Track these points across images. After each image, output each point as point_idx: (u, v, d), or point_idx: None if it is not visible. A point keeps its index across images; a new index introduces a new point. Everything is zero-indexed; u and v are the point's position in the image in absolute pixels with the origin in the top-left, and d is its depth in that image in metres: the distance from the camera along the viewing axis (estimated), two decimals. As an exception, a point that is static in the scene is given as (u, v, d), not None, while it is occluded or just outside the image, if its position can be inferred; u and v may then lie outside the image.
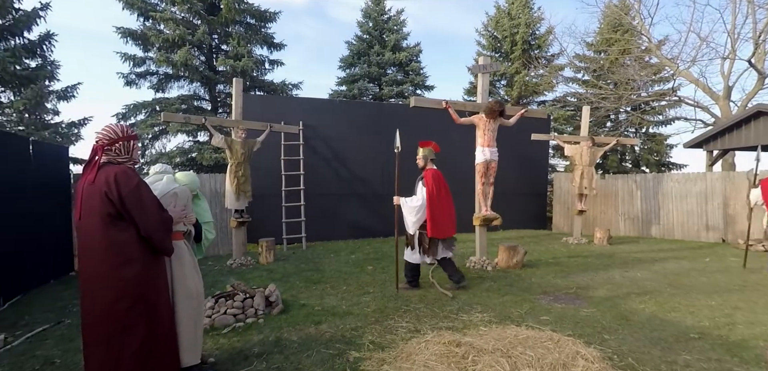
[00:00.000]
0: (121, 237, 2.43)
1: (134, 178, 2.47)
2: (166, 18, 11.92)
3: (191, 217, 3.05)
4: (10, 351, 3.79)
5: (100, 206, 2.39)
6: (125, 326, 2.42)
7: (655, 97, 16.40)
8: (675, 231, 10.46)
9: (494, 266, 6.44)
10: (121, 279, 2.42)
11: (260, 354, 3.44)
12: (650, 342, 3.60)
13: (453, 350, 2.85)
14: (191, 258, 2.98)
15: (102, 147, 2.52)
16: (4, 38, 9.47)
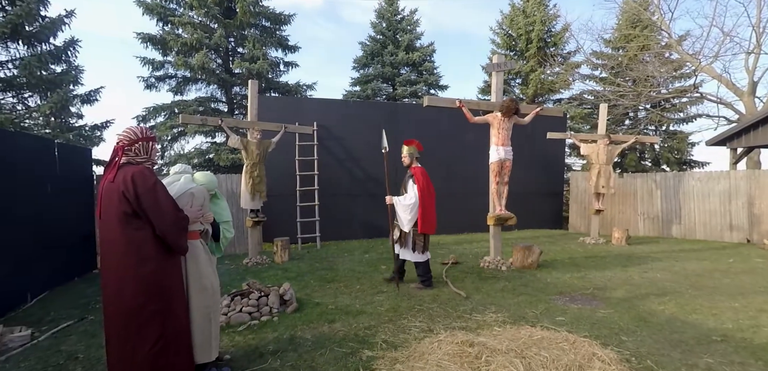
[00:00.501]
0: (137, 236, 2.48)
1: (151, 178, 2.52)
2: (184, 22, 12.15)
3: (208, 216, 3.09)
4: (36, 346, 3.91)
5: (117, 205, 2.46)
6: (141, 323, 2.47)
7: (675, 94, 15.94)
8: (697, 231, 10.15)
9: (509, 266, 6.35)
10: (137, 276, 2.47)
11: (275, 352, 3.46)
12: (670, 345, 3.50)
13: (466, 350, 2.82)
14: (207, 256, 3.02)
15: (122, 148, 2.59)
16: (32, 44, 9.79)
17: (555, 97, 17.39)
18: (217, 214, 3.29)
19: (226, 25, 12.71)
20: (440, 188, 10.81)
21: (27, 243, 5.46)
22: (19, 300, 5.26)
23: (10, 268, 5.09)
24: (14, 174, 5.30)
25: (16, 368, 3.48)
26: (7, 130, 6.58)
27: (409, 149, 5.44)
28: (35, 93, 10.08)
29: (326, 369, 3.14)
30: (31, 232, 5.57)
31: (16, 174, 5.36)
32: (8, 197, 5.16)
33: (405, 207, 5.20)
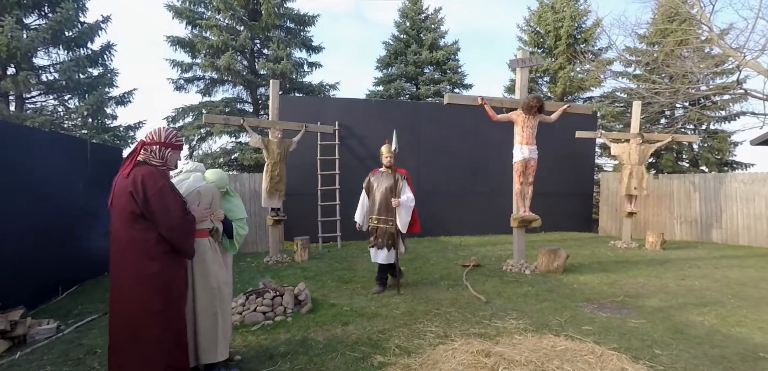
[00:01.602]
0: (142, 236, 2.45)
1: (160, 181, 2.48)
2: (211, 25, 12.41)
3: (219, 214, 3.03)
4: (60, 339, 4.00)
5: (126, 204, 2.44)
6: (143, 324, 2.44)
7: (716, 91, 14.94)
8: (740, 236, 9.45)
9: (533, 270, 6.05)
10: (140, 275, 2.44)
11: (285, 354, 3.38)
12: (710, 361, 3.17)
13: (481, 360, 2.62)
14: (215, 255, 2.96)
15: (142, 145, 2.57)
16: (71, 49, 10.23)
17: (585, 96, 16.68)
18: (230, 212, 3.23)
19: (251, 26, 12.89)
20: (464, 188, 10.67)
21: (60, 238, 5.65)
22: (51, 293, 5.45)
23: (43, 262, 5.27)
24: (49, 172, 5.50)
25: (38, 360, 3.55)
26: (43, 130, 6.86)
27: (390, 149, 5.20)
28: (73, 95, 10.52)
29: (337, 373, 3.02)
30: (64, 228, 5.76)
31: (51, 172, 5.56)
32: (44, 194, 5.36)
33: (408, 209, 5.04)
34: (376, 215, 5.10)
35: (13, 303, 4.33)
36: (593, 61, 15.82)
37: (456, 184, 10.57)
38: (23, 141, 5.26)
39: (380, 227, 5.05)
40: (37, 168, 5.34)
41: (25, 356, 3.67)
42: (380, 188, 5.10)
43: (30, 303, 4.76)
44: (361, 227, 5.31)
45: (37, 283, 5.16)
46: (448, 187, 10.52)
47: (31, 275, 5.05)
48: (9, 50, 8.18)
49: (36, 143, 5.48)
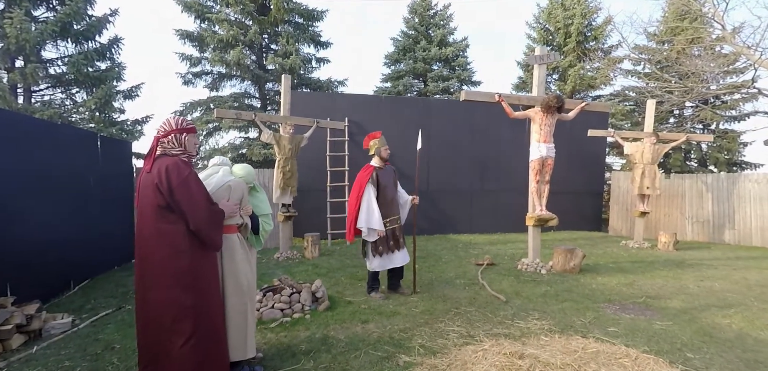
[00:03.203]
0: (170, 229, 2.41)
1: (185, 171, 2.43)
2: (220, 19, 12.33)
3: (248, 209, 2.97)
4: (76, 334, 3.96)
5: (152, 197, 2.40)
6: (174, 319, 2.40)
7: (727, 90, 14.79)
8: (753, 237, 9.35)
9: (548, 269, 5.97)
10: (170, 270, 2.40)
11: (308, 352, 3.32)
12: (745, 365, 3.10)
13: (516, 363, 2.55)
14: (244, 251, 2.90)
15: (158, 139, 2.52)
16: (79, 42, 10.17)
17: (595, 93, 16.54)
18: (257, 207, 3.17)
19: (260, 22, 12.81)
20: (473, 186, 10.58)
21: (71, 232, 5.60)
22: (63, 287, 5.40)
23: (55, 256, 5.22)
24: (60, 165, 5.45)
25: (56, 355, 3.50)
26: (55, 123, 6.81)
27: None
28: (81, 89, 10.47)
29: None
30: (75, 222, 5.71)
31: (62, 165, 5.50)
32: (55, 187, 5.31)
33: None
34: (390, 216, 4.69)
35: (27, 298, 4.30)
36: (603, 59, 15.68)
37: (465, 181, 10.50)
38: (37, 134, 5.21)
39: (394, 227, 4.73)
40: (51, 161, 5.30)
41: (41, 350, 3.63)
42: (388, 186, 4.73)
43: (43, 298, 4.73)
44: (383, 232, 4.60)
45: (49, 278, 5.12)
46: (457, 185, 10.45)
47: (44, 270, 5.01)
48: (18, 43, 8.12)
49: (49, 137, 5.43)
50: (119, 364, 3.28)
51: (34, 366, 3.32)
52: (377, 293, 4.80)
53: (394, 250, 4.71)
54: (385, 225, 4.60)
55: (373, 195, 4.57)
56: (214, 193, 2.69)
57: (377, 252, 4.63)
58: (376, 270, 4.74)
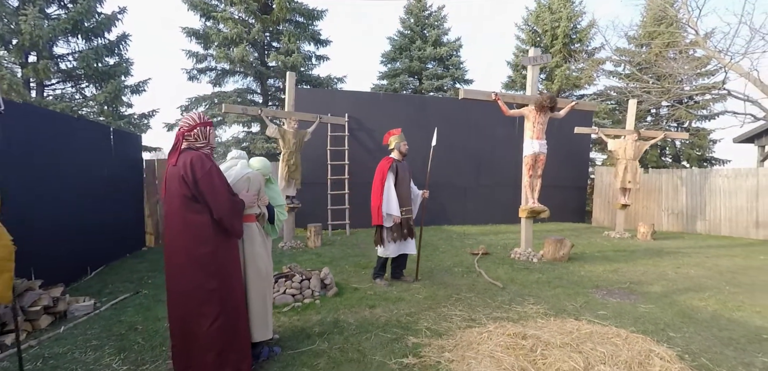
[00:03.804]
0: (196, 219, 2.44)
1: (208, 163, 2.47)
2: (225, 18, 12.19)
3: (264, 199, 3.01)
4: (98, 316, 3.97)
5: (178, 188, 2.43)
6: (201, 301, 2.44)
7: (700, 91, 15.09)
8: (722, 227, 9.63)
9: (540, 258, 6.09)
10: (196, 258, 2.43)
11: (321, 334, 3.38)
12: (721, 342, 3.24)
13: (519, 342, 2.64)
14: (262, 239, 2.94)
15: (183, 134, 2.54)
16: (89, 39, 9.99)
17: (579, 93, 16.72)
18: (272, 198, 3.20)
19: (263, 20, 12.68)
20: (468, 180, 10.68)
21: (88, 220, 5.59)
22: (81, 273, 5.40)
23: (74, 243, 5.22)
24: (77, 156, 5.43)
25: (83, 335, 3.53)
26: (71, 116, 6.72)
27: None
28: (90, 83, 10.31)
29: (374, 353, 3.02)
30: (91, 211, 5.70)
31: (79, 156, 5.48)
32: (72, 177, 5.30)
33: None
34: (405, 206, 4.74)
35: (49, 282, 4.29)
36: (587, 60, 15.85)
37: (460, 176, 10.58)
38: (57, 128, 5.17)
39: (408, 217, 4.78)
40: (68, 153, 5.27)
41: (68, 330, 3.65)
42: (405, 178, 4.79)
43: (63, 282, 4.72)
44: (399, 218, 4.64)
45: (69, 263, 5.13)
46: (452, 179, 10.53)
47: (64, 256, 5.01)
48: (32, 39, 7.97)
49: (66, 129, 5.39)
50: (144, 343, 3.32)
51: (64, 345, 3.34)
52: (382, 280, 4.84)
53: (406, 238, 4.76)
54: (400, 213, 4.66)
55: (392, 183, 4.63)
56: (234, 185, 2.73)
57: (392, 238, 4.66)
58: (390, 256, 4.77)
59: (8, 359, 3.12)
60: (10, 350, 3.23)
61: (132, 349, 3.23)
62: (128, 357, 3.10)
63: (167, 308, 2.56)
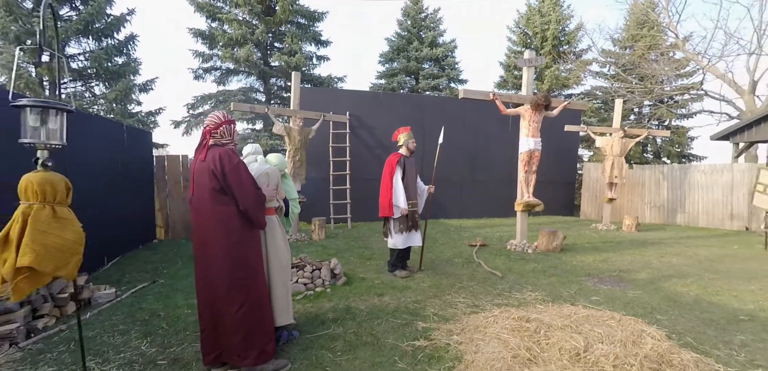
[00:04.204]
0: (224, 211, 2.49)
1: (235, 158, 2.53)
2: (230, 19, 12.13)
3: (281, 193, 3.07)
4: (120, 303, 4.03)
5: (208, 182, 2.47)
6: (229, 288, 2.49)
7: (679, 91, 15.38)
8: (700, 219, 9.88)
9: (534, 249, 6.22)
10: (225, 247, 2.48)
11: (335, 320, 3.46)
12: (703, 323, 3.39)
13: (523, 325, 2.75)
14: (282, 231, 3.02)
15: (210, 131, 2.59)
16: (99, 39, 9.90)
17: (567, 92, 16.89)
18: (287, 192, 3.27)
19: (266, 21, 12.63)
20: (463, 175, 10.79)
21: (105, 212, 5.63)
22: (99, 263, 5.44)
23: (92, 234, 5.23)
24: (93, 152, 5.45)
25: (108, 320, 3.58)
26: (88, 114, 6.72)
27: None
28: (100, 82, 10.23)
29: (387, 336, 3.11)
30: (107, 203, 5.74)
31: (95, 152, 5.51)
32: (90, 171, 5.33)
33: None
34: (412, 200, 4.79)
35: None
36: (575, 62, 16.02)
37: (456, 171, 10.68)
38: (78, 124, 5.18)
39: (414, 210, 4.85)
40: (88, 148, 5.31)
41: (94, 316, 3.71)
42: (412, 174, 4.86)
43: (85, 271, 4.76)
44: (406, 211, 4.70)
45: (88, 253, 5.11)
46: (448, 175, 10.62)
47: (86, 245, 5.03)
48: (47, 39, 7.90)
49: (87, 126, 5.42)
50: (168, 328, 3.38)
51: (92, 329, 3.40)
52: (402, 271, 4.83)
53: (411, 230, 4.81)
54: (408, 206, 4.71)
55: (400, 177, 4.68)
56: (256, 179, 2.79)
57: (399, 230, 4.71)
58: (398, 247, 4.79)
59: (42, 341, 3.18)
60: (42, 334, 3.28)
61: (157, 333, 3.30)
62: (154, 340, 3.16)
63: (196, 295, 2.62)
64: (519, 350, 2.47)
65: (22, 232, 1.66)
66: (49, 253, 1.67)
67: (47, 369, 2.77)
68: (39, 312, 3.47)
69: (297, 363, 2.72)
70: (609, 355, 2.35)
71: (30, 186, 1.74)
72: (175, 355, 2.90)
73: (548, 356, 2.39)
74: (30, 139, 1.87)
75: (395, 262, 4.88)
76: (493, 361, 2.40)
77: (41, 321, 3.42)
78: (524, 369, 2.31)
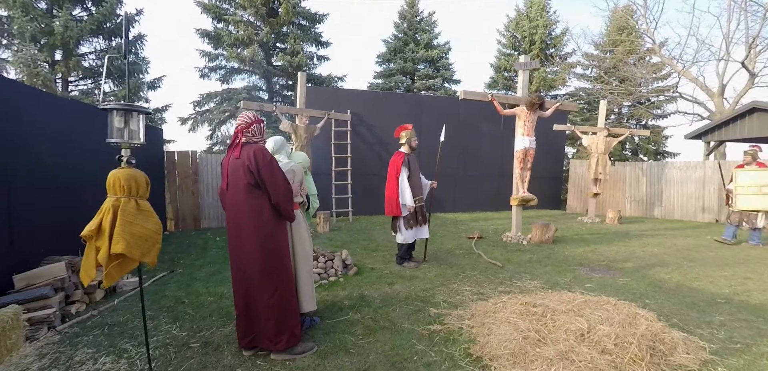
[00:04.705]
0: (258, 204, 2.54)
1: (268, 155, 2.57)
2: (235, 21, 12.01)
3: (304, 188, 3.13)
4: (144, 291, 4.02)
5: (243, 177, 2.51)
6: (262, 277, 2.55)
7: (655, 93, 15.77)
8: (675, 212, 10.18)
9: (528, 241, 6.35)
10: (258, 237, 2.54)
11: (351, 307, 3.52)
12: (686, 306, 3.56)
13: (531, 309, 2.86)
14: (306, 224, 3.07)
15: (242, 130, 2.63)
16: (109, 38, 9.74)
17: (553, 93, 17.13)
18: (308, 188, 3.33)
19: (270, 23, 12.54)
20: (457, 171, 10.91)
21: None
22: (117, 256, 5.41)
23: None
24: (107, 147, 5.40)
25: (135, 306, 3.62)
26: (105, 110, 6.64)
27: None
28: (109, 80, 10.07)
29: (402, 321, 3.20)
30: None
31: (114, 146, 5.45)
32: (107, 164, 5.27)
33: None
34: (418, 195, 4.77)
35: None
36: (561, 64, 16.24)
37: (451, 167, 10.80)
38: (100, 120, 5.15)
39: (421, 205, 4.84)
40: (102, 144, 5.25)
41: (120, 303, 3.74)
42: (416, 170, 4.86)
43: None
44: (412, 207, 4.69)
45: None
46: (443, 170, 10.71)
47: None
48: (63, 39, 7.78)
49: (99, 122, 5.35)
50: (194, 314, 3.42)
51: (122, 315, 3.43)
52: (410, 263, 4.86)
53: (421, 224, 4.83)
54: (414, 202, 4.71)
55: (406, 176, 4.67)
56: None
57: (409, 225, 4.72)
58: (408, 241, 4.80)
59: (77, 325, 3.20)
60: (76, 319, 3.31)
61: (185, 318, 3.34)
62: (183, 325, 3.21)
63: (232, 284, 2.68)
64: (529, 332, 2.58)
65: (113, 223, 1.74)
66: (136, 242, 1.76)
67: (86, 350, 2.80)
68: (71, 299, 3.49)
69: (322, 346, 2.79)
70: (610, 335, 2.48)
71: (117, 182, 1.83)
72: (205, 339, 2.95)
73: (556, 336, 2.51)
74: (115, 139, 1.95)
75: (403, 255, 4.92)
76: (506, 342, 2.51)
77: (74, 306, 3.45)
78: (535, 348, 2.42)
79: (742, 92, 13.78)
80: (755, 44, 13.09)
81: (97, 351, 2.79)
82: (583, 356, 2.30)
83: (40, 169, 4.05)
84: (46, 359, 2.68)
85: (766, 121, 9.17)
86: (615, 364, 2.27)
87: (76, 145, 4.69)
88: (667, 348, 2.51)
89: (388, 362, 2.56)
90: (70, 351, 2.78)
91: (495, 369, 2.34)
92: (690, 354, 2.51)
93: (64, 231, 4.17)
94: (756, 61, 13.44)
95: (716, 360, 2.55)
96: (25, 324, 2.90)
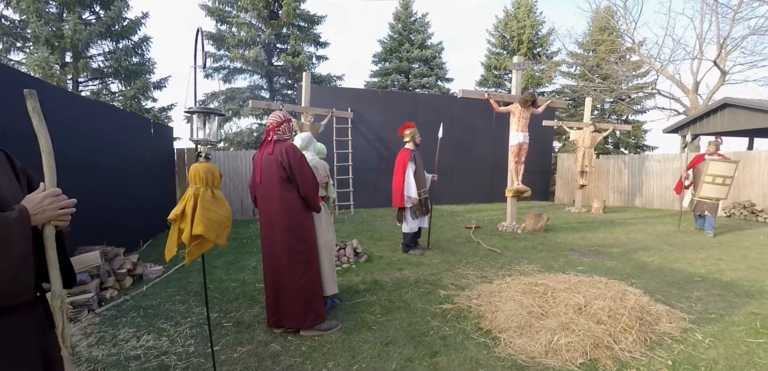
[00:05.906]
0: (289, 196, 2.70)
1: (298, 152, 2.72)
2: (239, 23, 11.98)
3: (329, 182, 3.29)
4: (169, 279, 4.17)
5: (276, 171, 2.66)
6: (292, 262, 2.71)
7: (635, 89, 16.18)
8: (655, 201, 10.52)
9: (522, 229, 6.57)
10: (289, 226, 2.69)
11: (366, 290, 3.69)
12: (667, 284, 3.81)
13: (534, 288, 3.07)
14: (327, 216, 3.23)
15: (273, 128, 2.76)
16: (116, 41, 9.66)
17: (540, 90, 17.43)
18: (327, 180, 3.48)
19: (271, 25, 12.53)
20: (452, 165, 11.12)
21: (139, 199, 5.76)
22: (135, 244, 5.55)
23: (131, 218, 5.38)
24: (126, 145, 5.51)
25: (164, 292, 3.73)
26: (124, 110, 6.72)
27: None
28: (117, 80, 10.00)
29: (416, 301, 3.38)
30: (141, 191, 5.86)
31: (128, 145, 5.57)
32: (127, 162, 5.43)
33: None
34: (422, 188, 4.93)
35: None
36: (547, 63, 16.52)
37: (447, 162, 10.97)
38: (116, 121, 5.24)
39: (425, 197, 5.01)
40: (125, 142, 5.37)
41: (149, 289, 3.85)
42: (420, 165, 4.99)
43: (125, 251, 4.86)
44: (417, 200, 4.86)
45: (129, 235, 5.30)
46: (440, 164, 10.88)
47: (126, 228, 5.19)
48: (73, 42, 7.72)
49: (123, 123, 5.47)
50: (221, 298, 3.56)
51: (153, 299, 3.54)
52: (415, 250, 5.03)
53: (424, 214, 5.02)
54: (419, 195, 4.87)
55: (412, 171, 4.83)
56: None
57: (415, 215, 4.90)
58: (413, 230, 4.98)
59: (113, 309, 3.32)
60: (110, 303, 3.43)
61: (213, 301, 3.47)
62: (213, 307, 3.34)
63: (263, 269, 2.83)
64: (532, 307, 2.79)
65: (194, 209, 1.92)
66: (212, 225, 1.93)
67: (127, 329, 2.93)
68: (104, 285, 3.60)
69: (346, 323, 2.96)
70: (604, 308, 2.70)
71: (197, 174, 2.02)
72: (236, 319, 3.10)
73: (557, 310, 2.73)
74: (196, 138, 2.13)
75: (409, 243, 5.09)
76: (513, 316, 2.72)
77: (108, 292, 3.57)
78: (539, 320, 2.63)
79: (714, 89, 14.24)
80: (725, 44, 13.53)
81: (138, 330, 2.92)
82: (582, 326, 2.52)
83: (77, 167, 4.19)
84: (93, 337, 2.80)
85: (737, 116, 9.53)
86: (609, 332, 2.49)
87: (95, 143, 4.77)
88: (653, 319, 2.74)
89: (408, 335, 2.75)
90: (113, 331, 2.90)
91: (505, 339, 2.55)
92: (672, 324, 2.75)
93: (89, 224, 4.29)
94: (726, 60, 13.91)
95: (694, 328, 2.80)
96: (69, 307, 3.02)
